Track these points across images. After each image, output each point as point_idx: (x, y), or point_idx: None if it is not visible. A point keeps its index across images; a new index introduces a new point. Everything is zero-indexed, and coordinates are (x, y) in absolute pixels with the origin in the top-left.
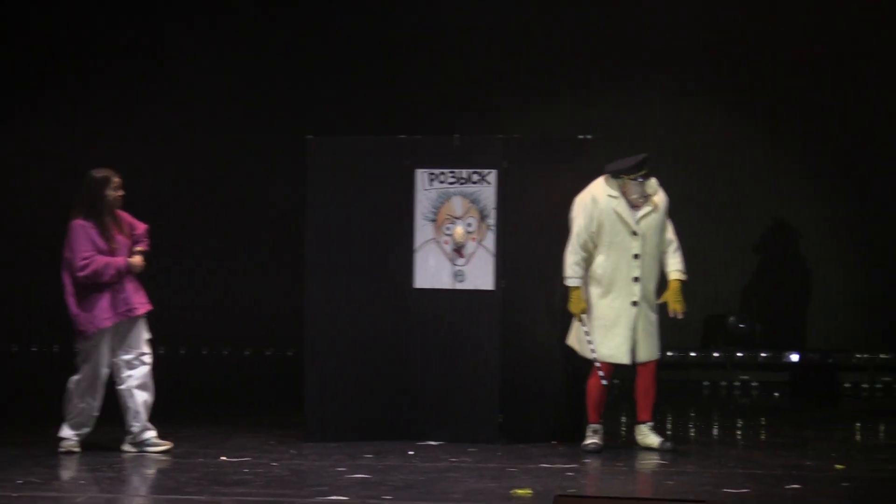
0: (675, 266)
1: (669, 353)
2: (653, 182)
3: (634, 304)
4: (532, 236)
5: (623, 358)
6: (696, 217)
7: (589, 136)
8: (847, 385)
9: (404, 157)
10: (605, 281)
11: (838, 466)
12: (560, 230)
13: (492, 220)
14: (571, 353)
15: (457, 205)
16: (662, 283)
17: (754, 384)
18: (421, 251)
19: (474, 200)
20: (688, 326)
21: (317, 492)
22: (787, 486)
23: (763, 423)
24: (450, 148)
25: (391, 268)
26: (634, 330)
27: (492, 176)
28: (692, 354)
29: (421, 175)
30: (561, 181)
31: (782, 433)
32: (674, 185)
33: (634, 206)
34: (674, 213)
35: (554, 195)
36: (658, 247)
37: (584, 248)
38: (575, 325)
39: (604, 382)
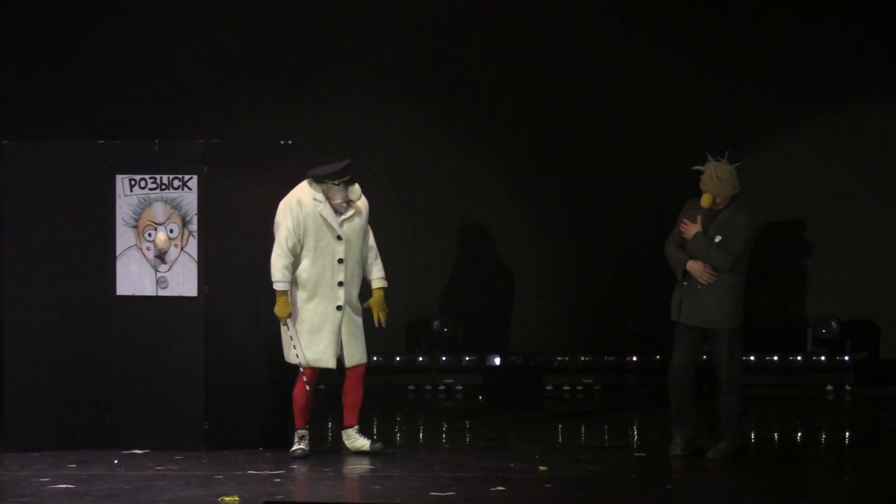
0: (377, 274)
1: (375, 358)
2: (356, 188)
3: (339, 308)
4: (235, 241)
5: (329, 362)
6: (397, 221)
7: (290, 142)
8: (549, 388)
9: (103, 163)
10: (309, 285)
11: (542, 468)
12: (263, 235)
13: (194, 226)
14: (277, 358)
15: (158, 211)
16: (365, 288)
17: (458, 388)
18: (122, 258)
19: (176, 206)
20: (392, 331)
21: (19, 503)
22: (492, 489)
23: (467, 426)
24: (150, 153)
25: (92, 275)
26: (339, 334)
27: (193, 181)
28: (397, 359)
29: (121, 181)
30: (263, 186)
31: (486, 436)
32: (373, 190)
33: (338, 211)
34: (374, 217)
35: (256, 200)
36: (361, 251)
37: (293, 251)
38: (282, 330)
39: (307, 387)
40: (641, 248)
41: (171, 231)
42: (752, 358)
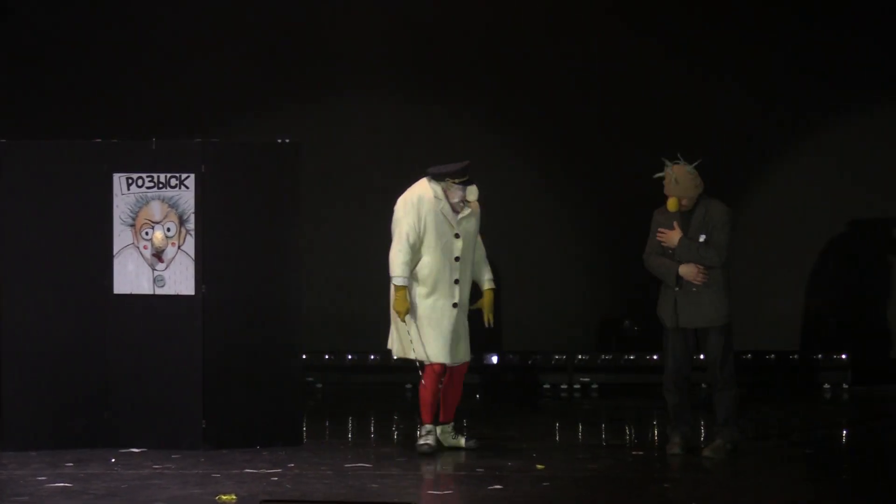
0: (487, 275)
1: (372, 357)
2: (474, 188)
3: (455, 305)
4: (232, 240)
5: (446, 357)
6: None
7: (287, 140)
8: (546, 386)
9: (101, 162)
10: (430, 281)
11: (539, 467)
12: (260, 234)
13: (191, 225)
14: (274, 357)
15: (155, 209)
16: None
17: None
18: (120, 256)
19: (173, 205)
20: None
21: (16, 502)
22: (490, 487)
23: (465, 424)
24: (147, 152)
25: (90, 274)
26: (453, 332)
27: (190, 180)
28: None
29: (118, 179)
30: (260, 185)
31: (484, 435)
32: (372, 188)
33: (455, 210)
34: (375, 216)
35: (253, 199)
36: (473, 253)
37: (413, 247)
38: (397, 326)
39: (433, 383)
40: (639, 247)
41: (169, 230)
42: (748, 356)
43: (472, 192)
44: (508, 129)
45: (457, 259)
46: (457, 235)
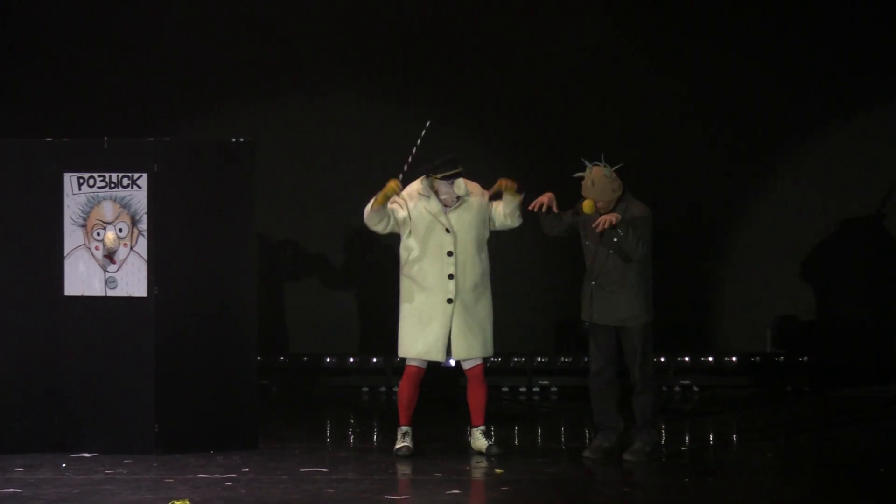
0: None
1: (329, 359)
2: (459, 182)
3: (450, 301)
4: (186, 241)
5: (438, 355)
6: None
7: (241, 140)
8: (505, 389)
9: (51, 161)
10: (419, 278)
11: (498, 471)
12: (214, 235)
13: (144, 225)
14: (228, 360)
15: (107, 209)
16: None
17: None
18: (71, 258)
19: (125, 205)
20: (348, 331)
21: None
22: (448, 492)
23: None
24: (99, 151)
25: (40, 275)
26: (450, 328)
27: (143, 180)
28: (350, 360)
29: (69, 179)
30: (214, 185)
31: (442, 437)
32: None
33: (446, 205)
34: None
35: (207, 199)
36: (477, 241)
37: (391, 216)
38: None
39: (410, 383)
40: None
41: (121, 230)
42: (710, 359)
43: (459, 187)
44: (468, 128)
45: (449, 254)
46: (447, 230)
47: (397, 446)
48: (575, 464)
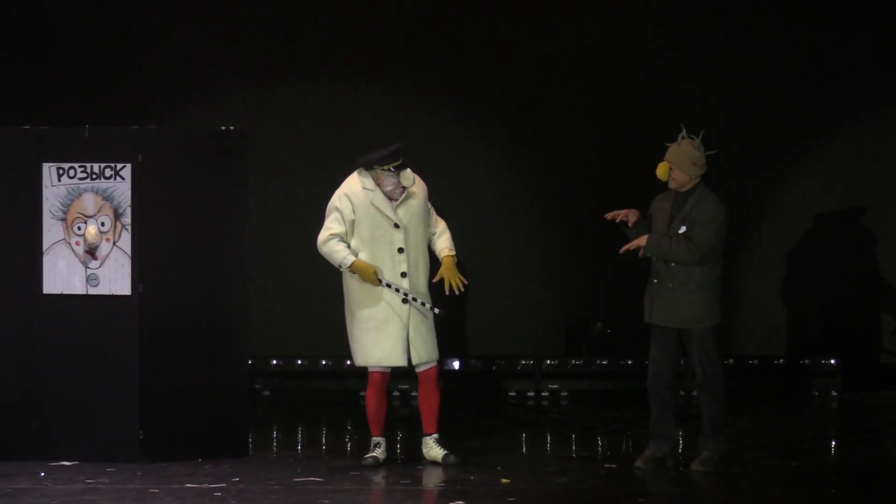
0: (444, 244)
1: (324, 362)
2: (407, 173)
3: (405, 301)
4: (172, 236)
5: (400, 359)
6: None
7: (231, 128)
8: (512, 394)
9: (29, 150)
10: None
11: (504, 481)
12: (202, 228)
13: (127, 219)
14: (217, 363)
15: (88, 202)
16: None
17: (414, 394)
18: (49, 253)
19: (108, 197)
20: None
21: None
22: (451, 503)
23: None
24: (80, 140)
25: (17, 272)
26: (408, 329)
27: (126, 171)
28: (347, 363)
29: (48, 169)
30: (202, 175)
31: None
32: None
33: (391, 198)
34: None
35: (195, 192)
36: (424, 237)
37: (341, 235)
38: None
39: (376, 392)
40: (610, 248)
41: (103, 224)
42: (730, 361)
43: (406, 178)
44: (473, 126)
45: (400, 250)
46: (396, 226)
47: (364, 456)
48: (587, 473)
